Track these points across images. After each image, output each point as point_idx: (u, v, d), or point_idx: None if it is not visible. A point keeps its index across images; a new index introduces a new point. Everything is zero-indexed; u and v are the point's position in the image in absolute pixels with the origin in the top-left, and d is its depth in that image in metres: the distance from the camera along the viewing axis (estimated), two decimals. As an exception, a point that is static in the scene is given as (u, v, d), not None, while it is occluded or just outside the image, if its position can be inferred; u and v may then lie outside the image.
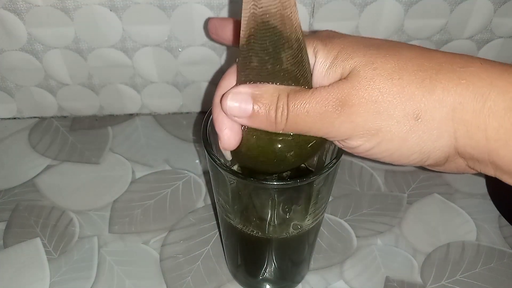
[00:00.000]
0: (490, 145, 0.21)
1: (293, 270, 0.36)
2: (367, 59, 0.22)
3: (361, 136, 0.22)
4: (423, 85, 0.21)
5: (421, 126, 0.22)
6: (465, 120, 0.21)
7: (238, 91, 0.23)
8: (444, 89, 0.21)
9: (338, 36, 0.24)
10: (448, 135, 0.22)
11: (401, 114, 0.21)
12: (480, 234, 0.41)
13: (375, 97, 0.21)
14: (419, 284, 0.37)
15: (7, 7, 0.41)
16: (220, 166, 0.26)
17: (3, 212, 0.42)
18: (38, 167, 0.46)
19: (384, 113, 0.22)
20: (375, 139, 0.22)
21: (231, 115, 0.23)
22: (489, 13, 0.44)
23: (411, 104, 0.21)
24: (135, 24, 0.43)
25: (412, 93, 0.21)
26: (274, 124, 0.23)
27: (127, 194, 0.44)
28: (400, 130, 0.22)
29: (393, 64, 0.22)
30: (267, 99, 0.23)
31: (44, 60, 0.46)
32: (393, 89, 0.21)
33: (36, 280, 0.37)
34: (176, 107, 0.52)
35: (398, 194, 0.44)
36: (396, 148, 0.23)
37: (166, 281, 0.37)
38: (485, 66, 0.21)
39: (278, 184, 0.25)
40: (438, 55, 0.22)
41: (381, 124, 0.22)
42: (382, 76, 0.21)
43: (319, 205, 0.29)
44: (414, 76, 0.21)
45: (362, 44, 0.23)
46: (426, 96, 0.21)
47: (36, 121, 0.51)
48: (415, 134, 0.22)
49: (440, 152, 0.23)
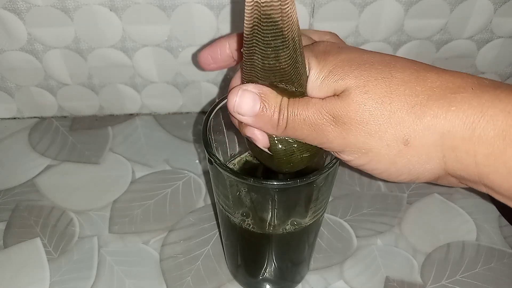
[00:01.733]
0: (480, 169, 0.21)
1: (293, 270, 0.36)
2: (359, 82, 0.22)
3: (352, 152, 0.23)
4: (413, 111, 0.21)
5: (410, 150, 0.22)
6: (454, 146, 0.21)
7: (246, 88, 0.23)
8: (434, 116, 0.21)
9: (334, 51, 0.24)
10: (437, 160, 0.22)
11: (391, 138, 0.22)
12: (480, 234, 0.41)
13: (366, 119, 0.22)
14: (419, 284, 0.37)
15: (7, 7, 0.41)
16: (220, 166, 0.26)
17: (3, 212, 0.42)
18: (38, 167, 0.46)
19: (374, 135, 0.22)
20: (366, 157, 0.23)
21: (237, 112, 0.23)
22: (489, 13, 0.44)
23: (401, 129, 0.22)
24: (135, 24, 0.43)
25: (402, 118, 0.22)
26: (276, 126, 0.23)
27: (127, 194, 0.44)
28: (389, 153, 0.22)
29: (385, 88, 0.22)
30: (272, 101, 0.23)
31: (44, 60, 0.46)
32: (384, 113, 0.22)
33: (36, 280, 0.37)
34: (176, 107, 0.52)
35: (398, 194, 0.44)
36: (385, 168, 0.23)
37: (166, 281, 0.37)
38: (476, 92, 0.21)
39: (278, 184, 0.25)
40: (432, 78, 0.22)
41: (372, 145, 0.22)
42: (373, 100, 0.22)
43: (319, 205, 0.29)
44: (404, 101, 0.22)
45: (355, 63, 0.23)
46: (416, 122, 0.21)
47: (36, 121, 0.51)
48: (404, 158, 0.22)
49: (430, 174, 0.23)
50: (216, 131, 0.30)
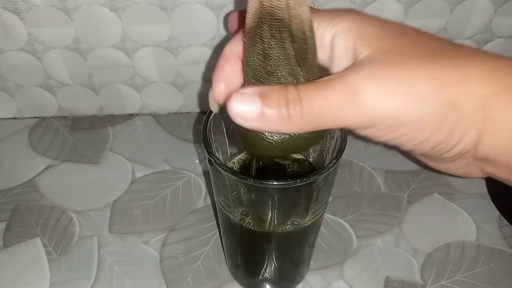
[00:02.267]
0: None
1: (293, 270, 0.36)
2: (393, 45, 0.20)
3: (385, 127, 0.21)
4: (456, 73, 0.20)
5: (455, 115, 0.20)
6: (493, 116, 0.20)
7: (243, 91, 0.21)
8: (478, 78, 0.20)
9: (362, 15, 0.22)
10: (475, 130, 0.20)
11: (437, 102, 0.20)
12: (480, 234, 0.41)
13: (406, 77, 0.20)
14: (419, 284, 0.37)
15: (7, 7, 0.41)
16: (220, 166, 0.26)
17: (3, 212, 0.42)
18: (38, 167, 0.46)
19: (417, 99, 0.20)
20: (403, 130, 0.21)
21: (239, 119, 0.21)
22: (489, 13, 0.44)
23: (446, 91, 0.20)
24: (135, 24, 0.43)
25: (447, 81, 0.20)
26: (288, 122, 0.21)
27: (127, 194, 0.44)
28: (434, 121, 0.20)
29: (424, 51, 0.20)
30: (275, 96, 0.21)
31: (44, 60, 0.46)
32: (428, 72, 0.20)
33: (36, 280, 0.37)
34: (176, 107, 0.52)
35: (398, 194, 0.44)
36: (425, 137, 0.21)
37: (166, 281, 0.37)
38: None
39: (278, 184, 0.25)
40: (466, 48, 0.21)
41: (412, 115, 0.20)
42: (414, 58, 0.20)
43: (319, 205, 0.29)
44: (447, 63, 0.20)
45: (387, 27, 0.21)
46: (460, 84, 0.20)
47: (36, 121, 0.51)
48: (447, 126, 0.20)
49: (461, 148, 0.21)
50: (216, 131, 0.30)
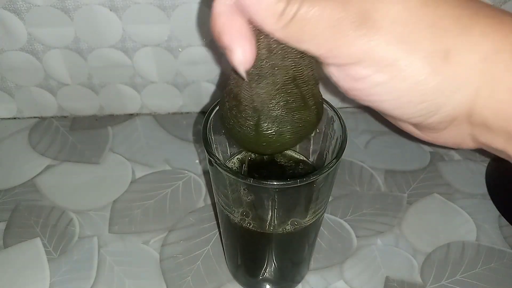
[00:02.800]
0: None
1: (293, 270, 0.36)
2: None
3: (371, 64, 0.19)
4: (460, 22, 0.18)
5: (446, 68, 0.18)
6: (494, 75, 0.18)
7: None
8: (482, 32, 0.18)
9: None
10: (470, 88, 0.19)
11: (429, 49, 0.18)
12: (480, 234, 0.41)
13: (404, 20, 0.18)
14: (419, 284, 0.37)
15: (7, 7, 0.41)
16: (220, 166, 0.26)
17: (3, 212, 0.42)
18: (38, 167, 0.46)
19: (410, 42, 0.18)
20: (388, 72, 0.18)
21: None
22: (489, 13, 0.44)
23: (442, 40, 0.18)
24: (135, 24, 0.43)
25: (446, 28, 0.18)
26: (278, 17, 0.18)
27: (127, 194, 0.44)
28: (422, 68, 0.18)
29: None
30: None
31: (44, 60, 0.46)
32: (427, 17, 0.18)
33: (36, 280, 0.37)
34: (176, 107, 0.52)
35: (398, 194, 0.44)
36: (408, 90, 0.19)
37: (166, 281, 0.37)
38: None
39: (278, 184, 0.25)
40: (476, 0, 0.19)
41: (401, 56, 0.18)
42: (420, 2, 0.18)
43: (319, 205, 0.29)
44: (452, 10, 0.18)
45: None
46: (461, 35, 0.18)
47: (36, 121, 0.51)
48: (437, 78, 0.18)
49: (452, 109, 0.19)
50: (216, 131, 0.30)
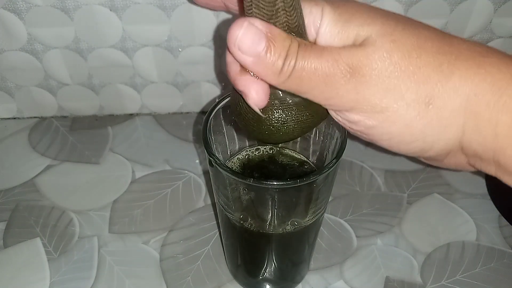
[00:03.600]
0: (498, 142, 0.20)
1: (293, 270, 0.36)
2: (386, 30, 0.20)
3: (363, 110, 0.21)
4: (440, 69, 0.20)
5: (430, 113, 0.20)
6: (477, 113, 0.20)
7: (252, 23, 0.20)
8: (462, 77, 0.20)
9: (351, 1, 0.22)
10: (456, 127, 0.20)
11: (412, 97, 0.20)
12: (480, 234, 0.41)
13: (389, 72, 0.20)
14: (419, 284, 0.37)
15: (7, 7, 0.41)
16: (220, 166, 0.26)
17: (3, 212, 0.42)
18: (38, 167, 0.46)
19: (394, 91, 0.20)
20: (378, 117, 0.21)
21: (237, 47, 0.20)
22: (489, 13, 0.44)
23: (425, 87, 0.20)
24: (135, 24, 0.43)
25: (428, 76, 0.20)
26: (278, 73, 0.21)
27: (127, 194, 0.44)
28: (407, 113, 0.20)
29: (413, 41, 0.20)
30: (279, 44, 0.20)
31: (44, 60, 0.46)
32: (409, 68, 0.20)
33: (36, 280, 0.37)
34: (176, 107, 0.52)
35: (398, 194, 0.44)
36: (398, 132, 0.21)
37: (166, 281, 0.37)
38: (504, 59, 0.20)
39: (278, 184, 0.25)
40: (458, 41, 0.21)
41: (388, 103, 0.20)
42: (401, 52, 0.20)
43: (319, 205, 0.29)
44: (432, 58, 0.20)
45: (379, 13, 0.21)
46: (442, 82, 0.20)
47: (36, 121, 0.51)
48: (423, 121, 0.20)
49: (444, 145, 0.21)
50: (216, 131, 0.30)
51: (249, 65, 0.21)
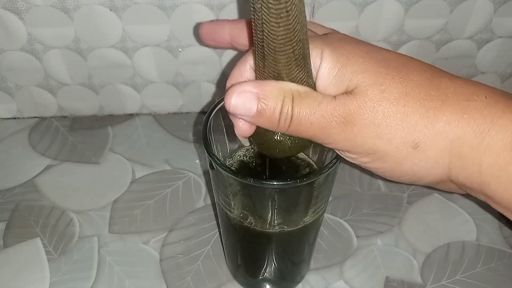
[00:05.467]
0: (483, 178, 0.22)
1: (293, 270, 0.36)
2: (376, 79, 0.22)
3: (358, 152, 0.23)
4: (426, 116, 0.21)
5: (418, 154, 0.22)
6: (461, 154, 0.22)
7: (243, 89, 0.22)
8: (447, 122, 0.21)
9: (350, 41, 0.24)
10: (442, 165, 0.22)
11: (400, 141, 0.22)
12: (480, 234, 0.41)
13: (378, 121, 0.22)
14: (419, 284, 0.37)
15: (7, 7, 0.41)
16: (220, 166, 0.26)
17: (3, 212, 0.42)
18: (38, 167, 0.46)
19: (384, 137, 0.22)
20: (371, 157, 0.23)
21: (234, 113, 0.23)
22: (489, 13, 0.44)
23: (412, 132, 0.22)
24: (135, 24, 0.43)
25: (415, 123, 0.22)
26: (277, 126, 0.23)
27: (127, 194, 0.44)
28: (397, 155, 0.22)
29: (401, 89, 0.22)
30: (272, 101, 0.22)
31: (44, 60, 0.46)
32: (397, 115, 0.22)
33: (36, 280, 0.37)
34: (176, 107, 0.52)
35: (398, 194, 0.44)
36: (390, 168, 0.23)
37: (166, 281, 0.37)
38: (489, 101, 0.21)
39: (278, 185, 0.25)
40: (446, 83, 0.22)
41: (379, 147, 0.22)
42: (389, 101, 0.22)
43: (319, 205, 0.29)
44: (419, 104, 0.22)
45: (373, 58, 0.23)
46: (428, 127, 0.21)
47: (36, 121, 0.51)
48: (411, 161, 0.22)
49: (433, 178, 0.23)
50: (216, 130, 0.30)
51: (249, 122, 0.23)
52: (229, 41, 0.29)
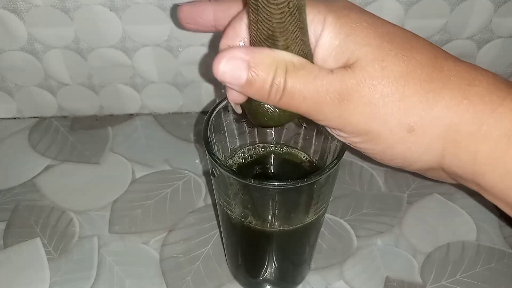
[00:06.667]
0: (477, 167, 0.21)
1: (294, 271, 0.36)
2: (379, 54, 0.21)
3: (350, 132, 0.22)
4: (425, 98, 0.21)
5: (412, 138, 0.21)
6: (456, 141, 0.21)
7: (233, 55, 0.21)
8: (445, 106, 0.21)
9: (356, 10, 0.22)
10: (435, 152, 0.22)
11: (395, 123, 0.21)
12: (480, 234, 0.41)
13: (375, 100, 0.21)
14: (419, 284, 0.37)
15: (7, 7, 0.41)
16: (220, 166, 0.26)
17: (3, 212, 0.42)
18: (38, 167, 0.46)
19: (379, 118, 0.21)
20: (363, 137, 0.22)
21: (222, 81, 0.21)
22: (489, 13, 0.44)
23: (409, 115, 0.21)
24: (135, 24, 0.43)
25: (413, 105, 0.21)
26: (267, 98, 0.21)
27: (127, 194, 0.44)
28: (390, 137, 0.21)
29: (402, 68, 0.21)
30: (264, 71, 0.21)
31: (44, 60, 0.46)
32: (396, 95, 0.21)
33: (36, 280, 0.37)
34: (176, 107, 0.52)
35: (398, 194, 0.44)
36: (381, 150, 0.22)
37: (166, 281, 0.37)
38: (490, 88, 0.21)
39: (278, 185, 0.25)
40: (449, 65, 0.21)
41: (373, 127, 0.21)
42: (389, 79, 0.20)
43: (320, 205, 0.29)
44: (419, 86, 0.21)
45: (378, 31, 0.21)
46: (425, 110, 0.21)
47: (36, 121, 0.51)
48: (404, 145, 0.22)
49: (424, 164, 0.23)
50: (217, 131, 0.30)
51: (237, 90, 0.22)
52: (213, 24, 0.26)
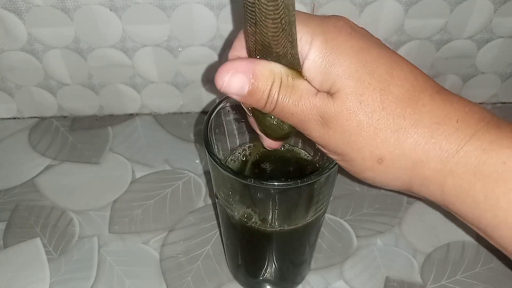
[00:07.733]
0: (446, 198, 0.22)
1: (294, 271, 0.36)
2: (358, 87, 0.22)
3: (329, 150, 0.24)
4: (396, 134, 0.22)
5: (380, 168, 0.23)
6: (424, 175, 0.22)
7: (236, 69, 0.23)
8: (414, 143, 0.22)
9: (345, 32, 0.23)
10: (403, 180, 0.23)
11: (367, 154, 0.23)
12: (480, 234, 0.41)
13: (351, 130, 0.22)
14: (419, 284, 0.37)
15: (7, 7, 0.41)
16: (220, 166, 0.26)
17: (3, 212, 0.42)
18: (38, 167, 0.46)
19: (353, 146, 0.23)
20: (340, 158, 0.24)
21: (225, 92, 0.23)
22: (489, 13, 0.44)
23: (380, 148, 0.22)
24: (135, 24, 0.43)
25: (384, 138, 0.22)
26: (263, 107, 0.24)
27: (127, 194, 0.44)
28: (362, 164, 0.23)
29: (378, 103, 0.22)
30: (262, 84, 0.23)
31: (44, 60, 0.46)
32: (370, 129, 0.22)
33: (36, 280, 0.37)
34: (176, 107, 0.52)
35: (398, 194, 0.44)
36: (354, 171, 0.24)
37: (166, 281, 0.37)
38: (459, 126, 0.22)
39: (278, 185, 0.25)
40: (424, 101, 0.22)
41: (348, 153, 0.23)
42: (365, 113, 0.22)
43: (320, 205, 0.29)
44: (392, 121, 0.22)
45: (361, 60, 0.22)
46: (395, 146, 0.22)
47: (36, 121, 0.51)
48: (373, 172, 0.24)
49: (393, 188, 0.25)
50: (217, 130, 0.30)
51: (239, 100, 0.24)
52: None
